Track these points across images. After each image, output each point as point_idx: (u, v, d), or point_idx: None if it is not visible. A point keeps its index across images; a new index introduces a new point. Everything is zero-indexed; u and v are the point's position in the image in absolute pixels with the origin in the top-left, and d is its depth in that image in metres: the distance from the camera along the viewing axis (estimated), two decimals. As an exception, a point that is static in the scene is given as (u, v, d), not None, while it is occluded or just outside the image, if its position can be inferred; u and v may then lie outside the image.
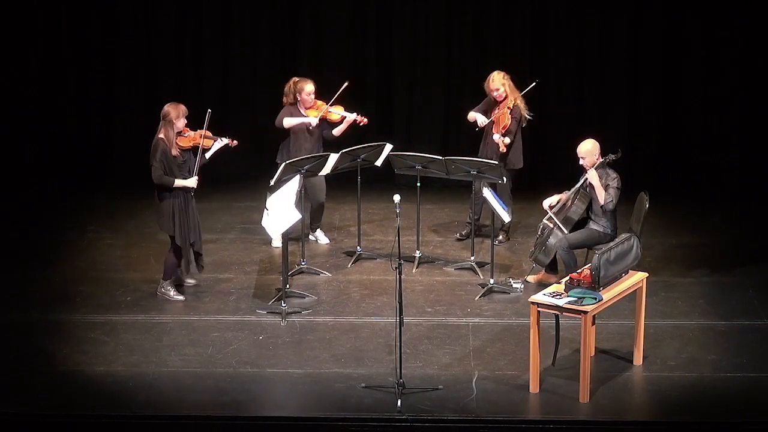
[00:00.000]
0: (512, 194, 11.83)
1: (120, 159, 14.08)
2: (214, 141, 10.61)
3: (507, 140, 11.55)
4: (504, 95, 11.62)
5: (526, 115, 11.71)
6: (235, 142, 10.79)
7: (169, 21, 13.93)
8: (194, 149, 10.50)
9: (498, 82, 11.60)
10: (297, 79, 11.66)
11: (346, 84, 11.65)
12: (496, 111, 11.64)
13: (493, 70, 11.75)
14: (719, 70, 13.72)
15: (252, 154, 13.30)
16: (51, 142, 13.98)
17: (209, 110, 10.54)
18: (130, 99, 14.06)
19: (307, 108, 11.62)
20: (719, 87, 13.75)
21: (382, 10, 13.91)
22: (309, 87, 11.56)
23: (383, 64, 14.02)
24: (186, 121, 10.45)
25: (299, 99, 11.59)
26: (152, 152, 10.34)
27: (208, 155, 10.62)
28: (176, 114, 10.35)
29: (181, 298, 10.69)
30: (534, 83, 11.80)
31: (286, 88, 11.66)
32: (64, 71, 13.95)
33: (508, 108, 11.58)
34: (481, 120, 11.72)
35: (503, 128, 11.57)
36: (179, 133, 10.40)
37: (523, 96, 11.70)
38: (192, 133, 10.50)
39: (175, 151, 10.35)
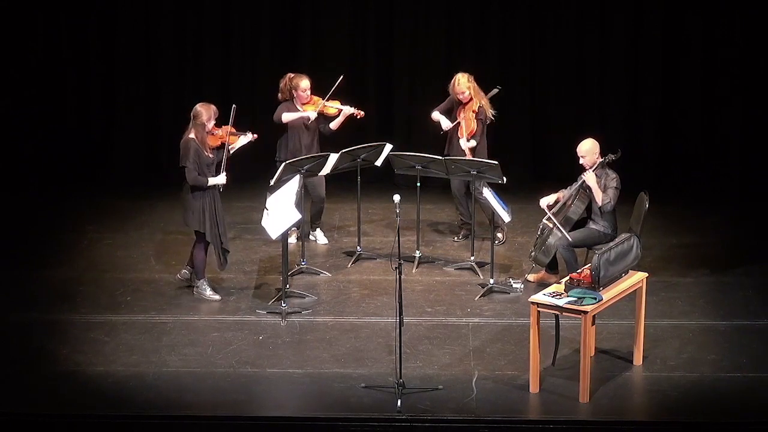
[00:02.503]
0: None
1: (120, 159, 14.09)
2: (239, 137, 10.68)
3: (472, 143, 11.56)
4: (469, 97, 11.62)
5: (491, 115, 11.71)
6: (255, 135, 10.85)
7: (169, 20, 13.92)
8: (222, 146, 10.55)
9: (464, 85, 11.59)
10: (292, 75, 11.67)
11: (341, 78, 11.65)
12: (461, 114, 11.63)
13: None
14: (719, 71, 13.71)
15: (252, 154, 13.29)
16: (51, 142, 13.98)
17: (234, 106, 10.56)
18: (130, 99, 14.06)
19: (303, 104, 11.63)
20: (719, 87, 13.74)
21: (381, 11, 13.91)
22: (304, 83, 11.57)
23: (383, 64, 14.02)
24: (214, 123, 10.49)
25: (295, 95, 11.60)
26: (183, 153, 10.37)
27: (232, 150, 10.69)
28: (208, 116, 10.40)
29: (217, 297, 10.68)
30: (496, 90, 11.76)
31: (282, 84, 11.69)
32: (64, 71, 13.95)
33: (474, 112, 11.59)
34: (445, 124, 11.74)
35: (470, 133, 11.58)
36: (209, 133, 10.44)
37: (487, 97, 11.70)
38: (220, 131, 10.55)
39: (207, 152, 10.40)
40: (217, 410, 8.84)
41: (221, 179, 10.49)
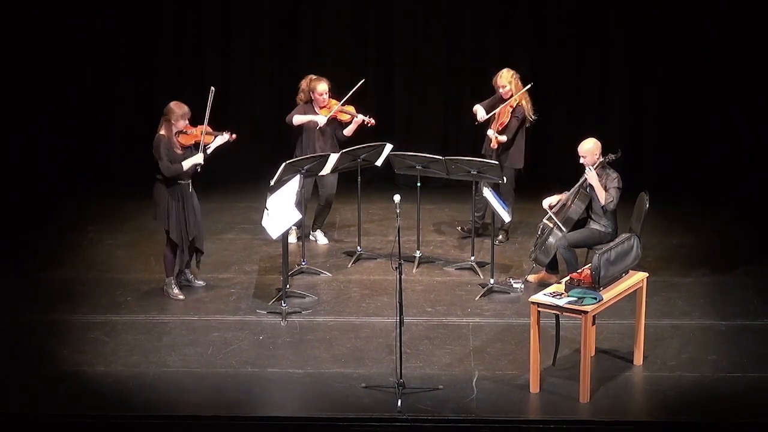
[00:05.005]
0: (514, 193, 11.85)
1: (120, 159, 14.09)
2: (215, 137, 10.64)
3: (503, 138, 11.55)
4: (510, 93, 11.61)
5: (531, 116, 11.70)
6: (234, 136, 10.79)
7: (169, 21, 13.93)
8: (196, 145, 10.53)
9: (505, 79, 11.60)
10: (313, 77, 11.66)
11: (362, 82, 11.66)
12: (499, 108, 11.64)
13: (497, 71, 11.76)
14: (719, 70, 13.72)
15: (252, 154, 13.32)
16: (52, 143, 13.98)
17: (212, 88, 10.54)
18: (131, 100, 14.06)
19: (321, 107, 11.64)
20: (720, 87, 13.75)
21: (382, 11, 13.91)
22: (321, 87, 11.56)
23: (383, 64, 14.02)
24: (187, 122, 10.47)
25: (313, 98, 11.60)
26: (155, 148, 10.38)
27: (209, 150, 10.64)
28: (177, 116, 10.39)
29: (181, 297, 10.70)
30: (529, 84, 11.75)
31: (304, 85, 11.67)
32: (65, 72, 13.95)
33: (511, 106, 11.59)
34: (480, 114, 11.72)
35: (500, 125, 11.58)
36: (181, 132, 10.43)
37: (528, 94, 11.68)
38: (194, 130, 10.53)
39: (177, 148, 10.40)
40: (218, 410, 8.84)
41: (198, 158, 10.43)
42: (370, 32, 14.00)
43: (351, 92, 11.61)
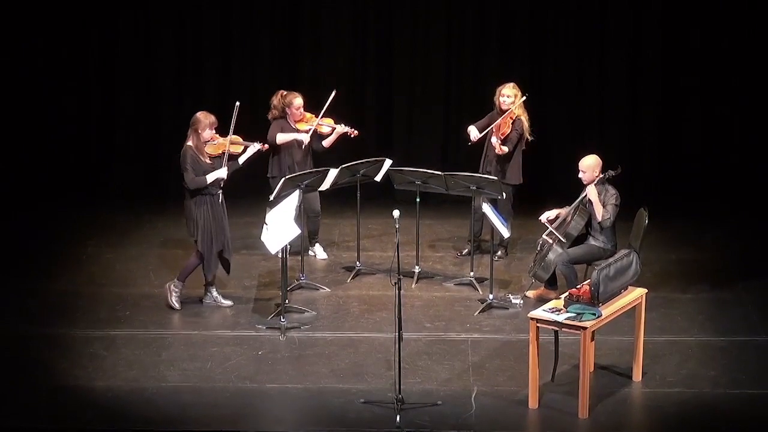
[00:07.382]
0: (512, 209, 11.84)
1: (120, 173, 14.09)
2: (245, 146, 10.66)
3: (505, 148, 11.55)
4: (512, 104, 11.60)
5: (528, 135, 11.70)
6: (266, 146, 10.86)
7: (169, 35, 13.94)
8: (224, 155, 10.56)
9: (510, 90, 11.61)
10: (285, 92, 11.64)
11: (333, 93, 11.63)
12: (499, 120, 11.63)
13: (496, 86, 11.79)
14: (718, 86, 13.73)
15: (251, 168, 13.29)
16: (51, 156, 13.98)
17: (237, 103, 10.55)
18: (131, 112, 14.07)
19: (297, 121, 11.62)
20: (718, 102, 13.76)
21: (381, 24, 13.93)
22: (298, 101, 11.56)
23: (383, 78, 14.03)
24: (214, 132, 10.49)
25: (288, 112, 11.58)
26: (182, 160, 10.43)
27: (241, 161, 10.71)
28: (203, 125, 10.43)
29: (177, 307, 10.69)
30: (525, 96, 11.75)
31: (276, 101, 11.63)
32: (64, 85, 13.96)
33: (511, 118, 11.59)
34: (474, 134, 11.71)
35: (502, 134, 11.57)
36: (208, 141, 10.45)
37: (526, 110, 11.69)
38: (221, 139, 10.56)
39: (204, 158, 10.43)
40: (217, 425, 8.83)
41: (221, 172, 10.48)
42: (369, 47, 13.98)
43: (326, 106, 11.58)
